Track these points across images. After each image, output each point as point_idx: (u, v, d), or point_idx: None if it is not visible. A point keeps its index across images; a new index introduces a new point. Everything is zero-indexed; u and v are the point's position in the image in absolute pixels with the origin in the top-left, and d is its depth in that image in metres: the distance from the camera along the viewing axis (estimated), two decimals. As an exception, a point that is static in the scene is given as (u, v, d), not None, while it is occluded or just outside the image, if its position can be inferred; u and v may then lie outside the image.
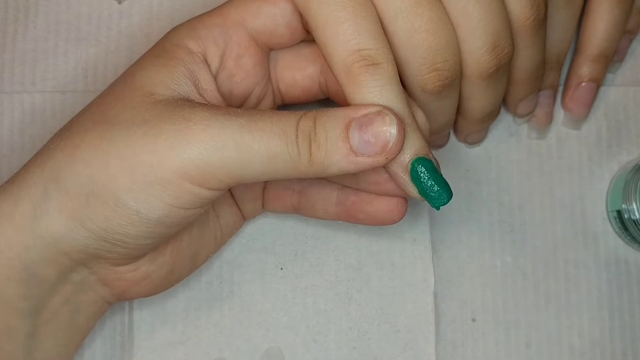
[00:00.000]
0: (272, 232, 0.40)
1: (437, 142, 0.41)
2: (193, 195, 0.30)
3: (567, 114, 0.42)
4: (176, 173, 0.29)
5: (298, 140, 0.30)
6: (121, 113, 0.31)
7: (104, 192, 0.30)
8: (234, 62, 0.34)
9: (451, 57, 0.33)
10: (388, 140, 0.30)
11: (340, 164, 0.30)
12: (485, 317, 0.40)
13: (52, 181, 0.31)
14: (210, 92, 0.33)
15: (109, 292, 0.34)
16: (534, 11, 0.34)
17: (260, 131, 0.30)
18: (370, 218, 0.35)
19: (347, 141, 0.30)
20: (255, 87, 0.35)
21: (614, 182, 0.41)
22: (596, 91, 0.42)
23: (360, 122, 0.30)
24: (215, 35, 0.33)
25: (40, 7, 0.42)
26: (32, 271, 0.31)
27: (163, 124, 0.30)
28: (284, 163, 0.30)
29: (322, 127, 0.30)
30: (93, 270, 0.33)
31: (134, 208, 0.30)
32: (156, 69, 0.32)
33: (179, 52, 0.33)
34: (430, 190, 0.32)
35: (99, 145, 0.30)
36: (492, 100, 0.36)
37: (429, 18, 0.32)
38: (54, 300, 0.33)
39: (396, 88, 0.31)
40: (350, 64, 0.31)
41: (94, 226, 0.30)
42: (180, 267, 0.35)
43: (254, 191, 0.38)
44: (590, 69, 0.41)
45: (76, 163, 0.30)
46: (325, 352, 0.39)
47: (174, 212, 0.30)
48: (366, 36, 0.31)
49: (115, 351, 0.39)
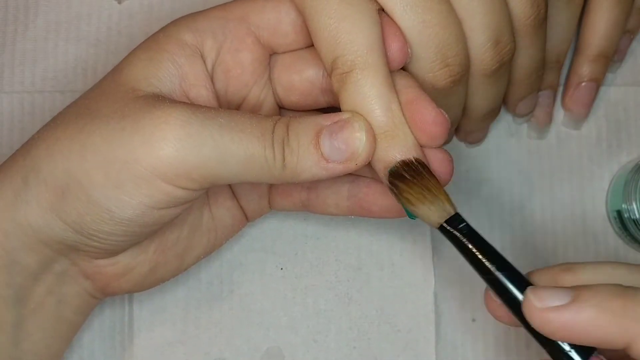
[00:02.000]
0: (272, 232, 0.40)
1: None
2: (166, 195, 0.30)
3: (567, 113, 0.42)
4: (150, 170, 0.29)
5: (274, 144, 0.30)
6: (103, 107, 0.31)
7: (78, 187, 0.30)
8: (231, 56, 0.34)
9: (461, 51, 0.33)
10: (357, 146, 0.30)
11: (312, 170, 0.30)
12: (485, 317, 0.40)
13: (32, 171, 0.31)
14: (197, 88, 0.33)
15: (91, 285, 0.34)
16: (534, 10, 0.34)
17: (240, 132, 0.30)
18: (385, 211, 0.35)
19: (318, 148, 0.30)
20: (252, 87, 0.35)
21: (614, 182, 0.41)
22: (596, 91, 0.42)
23: (330, 129, 0.30)
24: (214, 28, 0.33)
25: (40, 7, 0.42)
26: (13, 258, 0.31)
27: (141, 119, 0.30)
28: (259, 166, 0.30)
29: (295, 133, 0.30)
30: (73, 261, 0.33)
31: (105, 206, 0.30)
32: (142, 64, 0.32)
33: (169, 45, 0.32)
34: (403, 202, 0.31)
35: (77, 138, 0.30)
36: (493, 97, 0.36)
37: (439, 12, 0.32)
38: (37, 289, 0.33)
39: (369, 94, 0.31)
40: (330, 74, 0.31)
41: (70, 220, 0.31)
42: (164, 265, 0.35)
43: (261, 189, 0.37)
44: (590, 69, 0.41)
45: (55, 155, 0.31)
46: (325, 352, 0.39)
47: (147, 212, 0.30)
48: (342, 41, 0.31)
49: (115, 350, 0.39)
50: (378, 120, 0.31)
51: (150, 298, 0.39)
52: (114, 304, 0.39)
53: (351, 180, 0.35)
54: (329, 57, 0.31)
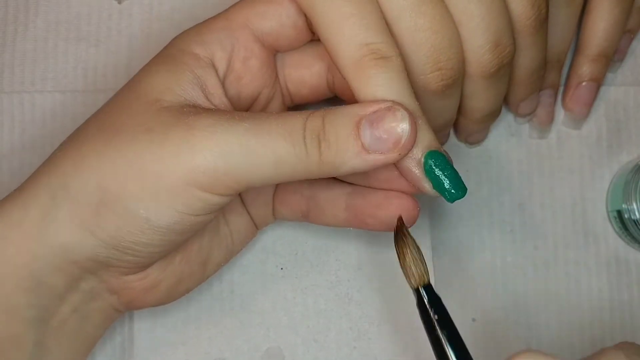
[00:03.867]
0: (273, 232, 0.40)
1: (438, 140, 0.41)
2: (202, 202, 0.30)
3: (567, 113, 0.42)
4: (183, 180, 0.29)
5: (306, 140, 0.30)
6: (126, 120, 0.31)
7: (114, 200, 0.30)
8: (241, 64, 0.34)
9: (454, 55, 0.33)
10: (401, 135, 0.30)
11: (352, 162, 0.30)
12: (485, 317, 0.40)
13: (61, 189, 0.30)
14: (217, 97, 0.33)
15: (117, 300, 0.34)
16: (535, 11, 0.34)
17: (266, 134, 0.29)
18: (380, 223, 0.35)
19: (359, 139, 0.30)
20: (263, 89, 0.35)
21: (614, 182, 0.41)
22: (596, 91, 0.42)
23: (370, 118, 0.30)
24: (221, 39, 0.33)
25: (40, 7, 0.42)
26: (40, 280, 0.31)
27: (167, 131, 0.30)
28: (292, 165, 0.30)
29: (332, 125, 0.30)
30: (102, 278, 0.32)
31: (143, 216, 0.30)
32: (162, 75, 0.32)
33: (185, 58, 0.32)
34: (444, 184, 0.31)
35: (105, 153, 0.30)
36: (493, 99, 0.36)
37: (432, 16, 0.32)
38: (63, 309, 0.32)
39: (405, 82, 0.31)
40: (359, 58, 0.31)
41: (105, 235, 0.30)
42: (189, 275, 0.35)
43: (265, 196, 0.37)
44: (590, 69, 0.41)
45: (84, 171, 0.30)
46: (326, 352, 0.39)
47: (184, 219, 0.30)
48: (373, 30, 0.31)
49: (115, 351, 0.39)
50: (415, 106, 0.31)
51: (150, 298, 0.39)
52: (115, 304, 0.39)
53: (348, 192, 0.35)
54: (356, 41, 0.31)
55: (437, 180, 0.31)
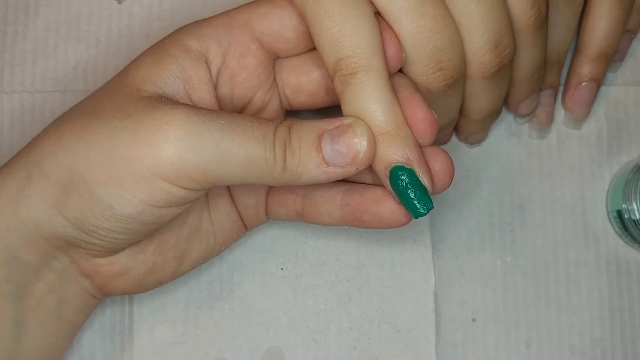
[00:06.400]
0: (272, 232, 0.40)
1: (440, 139, 0.41)
2: (166, 194, 0.30)
3: (567, 113, 0.42)
4: (150, 169, 0.30)
5: (275, 146, 0.30)
6: (107, 106, 0.31)
7: (81, 183, 0.30)
8: (237, 62, 0.34)
9: (456, 56, 0.33)
10: (358, 151, 0.31)
11: (312, 172, 0.31)
12: (485, 317, 0.40)
13: (36, 166, 0.31)
14: (200, 92, 0.33)
15: (90, 284, 0.34)
16: (535, 11, 0.34)
17: (241, 134, 0.30)
18: (377, 220, 0.34)
19: (320, 151, 0.31)
20: (257, 91, 0.35)
21: (614, 182, 0.41)
22: (596, 91, 0.42)
23: (332, 133, 0.31)
24: (219, 34, 0.33)
25: (40, 7, 0.42)
26: (14, 254, 0.32)
27: (143, 119, 0.30)
28: (260, 167, 0.30)
29: (297, 135, 0.31)
30: (73, 259, 0.33)
31: (107, 203, 0.30)
32: (147, 66, 0.32)
33: (173, 49, 0.33)
34: (407, 198, 0.32)
35: (82, 136, 0.31)
36: (493, 99, 0.36)
37: (433, 17, 0.32)
38: (38, 287, 0.33)
39: (373, 95, 0.31)
40: (333, 75, 0.32)
41: (70, 215, 0.31)
42: (162, 267, 0.35)
43: (257, 196, 0.37)
44: (590, 69, 0.41)
45: (59, 151, 0.31)
46: (326, 351, 0.39)
47: (147, 210, 0.31)
48: (345, 43, 0.31)
49: (115, 351, 0.39)
50: (380, 121, 0.31)
51: (150, 298, 0.39)
52: (115, 304, 0.39)
53: (345, 190, 0.35)
54: (332, 58, 0.31)
55: (402, 195, 0.32)
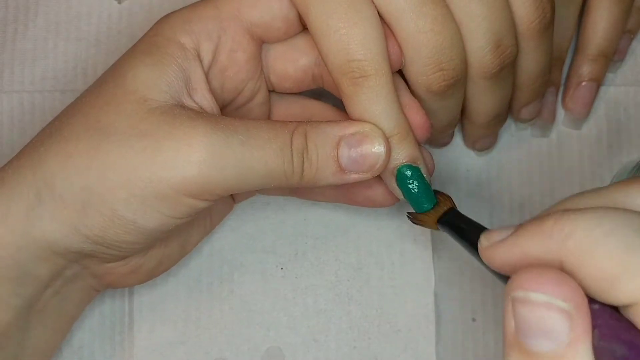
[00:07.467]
0: (272, 232, 0.40)
1: (441, 140, 0.41)
2: (189, 207, 0.31)
3: (567, 113, 0.42)
4: (174, 189, 0.30)
5: (293, 157, 0.31)
6: (115, 121, 0.31)
7: (101, 203, 0.30)
8: (227, 57, 0.34)
9: (456, 56, 0.33)
10: (377, 160, 0.32)
11: (328, 179, 0.32)
12: (485, 317, 0.40)
13: (46, 187, 0.30)
14: (199, 92, 0.33)
15: (97, 282, 0.35)
16: (539, 14, 0.34)
17: (260, 149, 0.30)
18: (370, 201, 0.36)
19: (337, 160, 0.31)
20: (248, 82, 0.35)
21: (614, 182, 0.41)
22: (596, 91, 0.42)
23: (349, 142, 0.31)
24: (209, 29, 0.33)
25: (40, 7, 0.42)
26: (25, 270, 0.31)
27: (163, 139, 0.30)
28: (278, 178, 0.31)
29: (314, 144, 0.31)
30: (85, 265, 0.33)
31: (130, 219, 0.30)
32: (148, 69, 0.32)
33: (171, 49, 0.32)
34: (413, 195, 0.33)
35: (95, 156, 0.30)
36: (497, 102, 0.36)
37: (433, 17, 0.32)
38: (46, 293, 0.33)
39: (384, 100, 0.32)
40: (342, 76, 0.32)
41: (90, 233, 0.31)
42: (168, 257, 0.36)
43: None
44: (590, 69, 0.41)
45: (70, 172, 0.30)
46: (326, 351, 0.40)
47: (170, 222, 0.31)
48: (356, 45, 0.31)
49: (115, 351, 0.39)
50: (391, 125, 0.32)
51: (150, 298, 0.39)
52: (114, 304, 0.39)
53: None
54: (340, 59, 0.31)
55: (409, 192, 0.33)
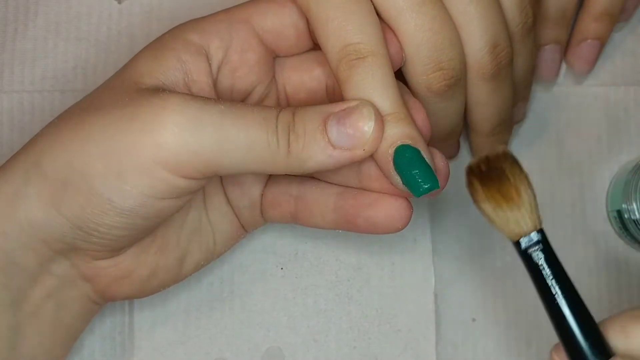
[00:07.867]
0: (272, 232, 0.40)
1: (446, 152, 0.39)
2: (168, 184, 0.30)
3: (569, 69, 0.42)
4: (150, 158, 0.29)
5: (278, 130, 0.30)
6: (105, 100, 0.31)
7: (79, 178, 0.30)
8: (239, 56, 0.34)
9: (456, 56, 0.33)
10: (366, 131, 0.30)
11: (318, 157, 0.30)
12: (485, 317, 0.40)
13: (33, 165, 0.31)
14: (200, 85, 0.33)
15: (91, 289, 0.34)
16: (522, 17, 0.34)
17: (241, 118, 0.30)
18: (371, 225, 0.34)
19: (325, 133, 0.30)
20: (257, 85, 0.35)
21: (614, 182, 0.41)
22: (600, 49, 0.41)
23: (338, 115, 0.30)
24: (221, 30, 0.33)
25: (40, 7, 0.42)
26: (11, 259, 0.31)
27: (139, 107, 0.30)
28: (262, 153, 0.30)
29: (301, 119, 0.30)
30: (73, 262, 0.33)
31: (106, 196, 0.30)
32: (147, 60, 0.32)
33: (173, 43, 0.33)
34: (410, 176, 0.31)
35: (79, 130, 0.30)
36: (499, 105, 0.36)
37: (432, 17, 0.32)
38: (36, 292, 0.32)
39: (380, 81, 0.31)
40: (340, 60, 0.31)
41: (69, 213, 0.30)
42: (164, 269, 0.35)
43: (251, 197, 0.37)
44: (594, 27, 0.41)
45: (56, 148, 0.30)
46: (326, 351, 0.40)
47: (149, 202, 0.30)
48: (353, 30, 0.31)
49: (115, 351, 0.39)
50: (388, 104, 0.31)
51: (150, 298, 0.39)
52: (115, 304, 0.39)
53: (339, 192, 0.35)
54: (338, 45, 0.31)
55: (406, 175, 0.31)
